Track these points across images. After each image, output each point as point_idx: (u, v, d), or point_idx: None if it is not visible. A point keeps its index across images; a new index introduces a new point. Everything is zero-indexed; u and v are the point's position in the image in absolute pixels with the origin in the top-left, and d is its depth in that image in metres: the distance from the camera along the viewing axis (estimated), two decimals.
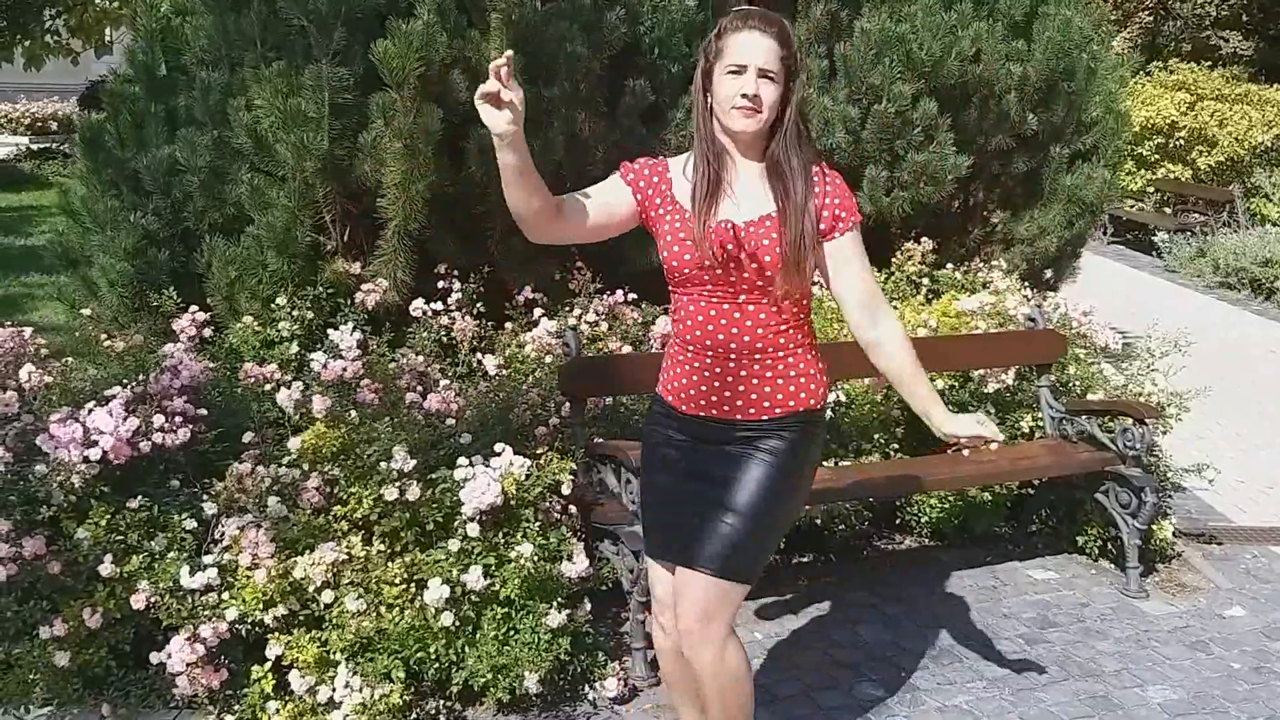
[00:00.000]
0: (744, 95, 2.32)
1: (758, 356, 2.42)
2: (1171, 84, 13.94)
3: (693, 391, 2.47)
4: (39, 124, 23.61)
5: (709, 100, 2.41)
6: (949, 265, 5.54)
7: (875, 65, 5.41)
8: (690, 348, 2.46)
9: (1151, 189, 13.73)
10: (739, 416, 2.45)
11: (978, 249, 6.08)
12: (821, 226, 2.40)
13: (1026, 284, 5.51)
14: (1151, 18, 19.45)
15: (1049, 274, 6.30)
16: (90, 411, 3.21)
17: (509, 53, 2.22)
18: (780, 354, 2.43)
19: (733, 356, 2.42)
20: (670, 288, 2.50)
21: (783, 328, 2.43)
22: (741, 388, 2.43)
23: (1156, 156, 13.66)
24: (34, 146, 19.96)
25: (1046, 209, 6.15)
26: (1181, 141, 13.52)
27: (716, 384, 2.44)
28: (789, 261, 2.35)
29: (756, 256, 2.35)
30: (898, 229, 5.66)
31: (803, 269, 2.38)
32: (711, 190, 2.41)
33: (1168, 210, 13.66)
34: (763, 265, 2.35)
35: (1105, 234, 13.31)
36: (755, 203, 2.40)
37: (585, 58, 4.85)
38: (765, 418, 2.44)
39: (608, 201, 2.48)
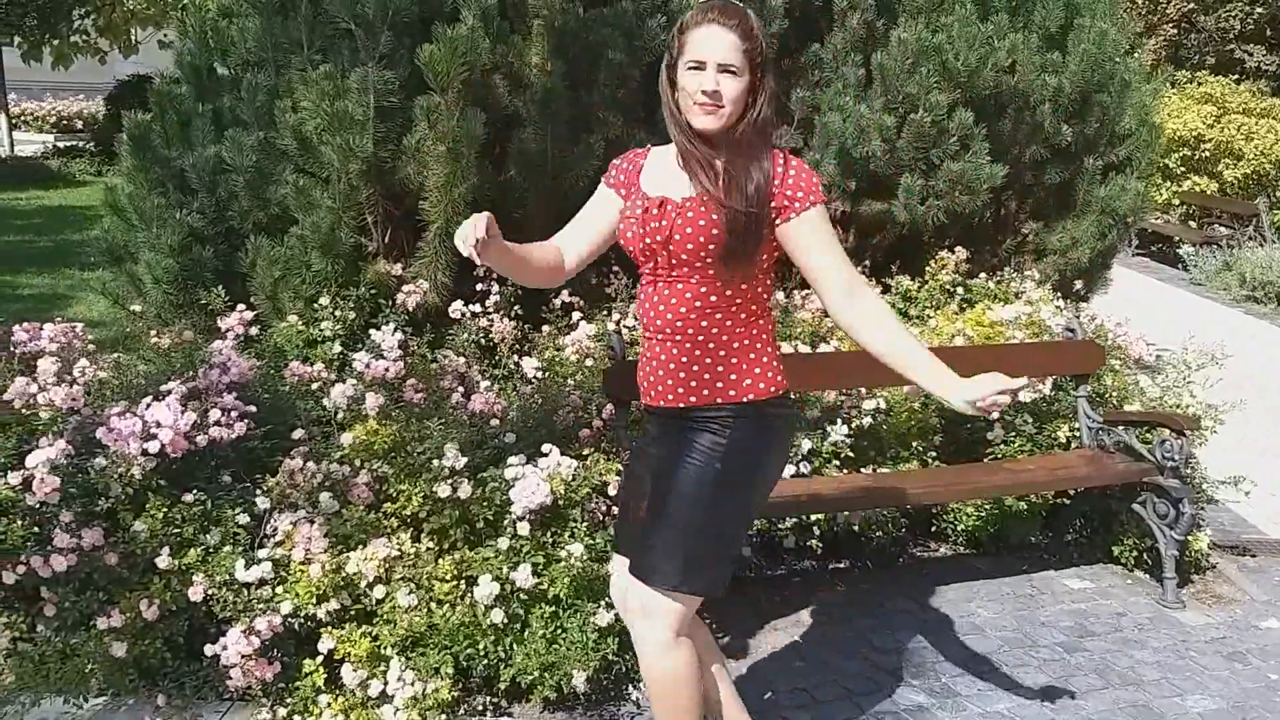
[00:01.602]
0: (704, 92, 2.30)
1: (703, 340, 2.38)
2: (1199, 96, 13.92)
3: (652, 379, 2.46)
4: (64, 122, 23.84)
5: (675, 96, 2.38)
6: (981, 275, 5.56)
7: (911, 75, 5.43)
8: (646, 333, 2.46)
9: (1177, 201, 13.71)
10: (679, 404, 2.41)
11: (1009, 259, 6.10)
12: (773, 207, 2.35)
13: (1058, 295, 5.53)
14: (1175, 30, 19.43)
15: (1079, 285, 6.32)
16: (148, 406, 3.27)
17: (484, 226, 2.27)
18: (731, 342, 2.39)
19: (677, 337, 2.39)
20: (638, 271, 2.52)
21: (733, 311, 2.39)
22: (681, 373, 2.40)
23: (1182, 169, 13.64)
24: (60, 144, 20.13)
25: (1079, 220, 6.17)
26: (1207, 154, 13.49)
27: (660, 371, 2.43)
28: (726, 239, 2.31)
29: (686, 226, 2.33)
30: (931, 238, 5.69)
31: (742, 250, 2.33)
32: (715, 171, 2.35)
33: (1193, 223, 13.64)
34: (695, 244, 2.32)
35: (1130, 246, 13.30)
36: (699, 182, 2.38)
37: (625, 64, 4.90)
38: (702, 406, 2.40)
39: (605, 214, 2.56)
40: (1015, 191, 6.12)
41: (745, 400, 2.41)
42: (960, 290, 5.40)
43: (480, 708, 3.21)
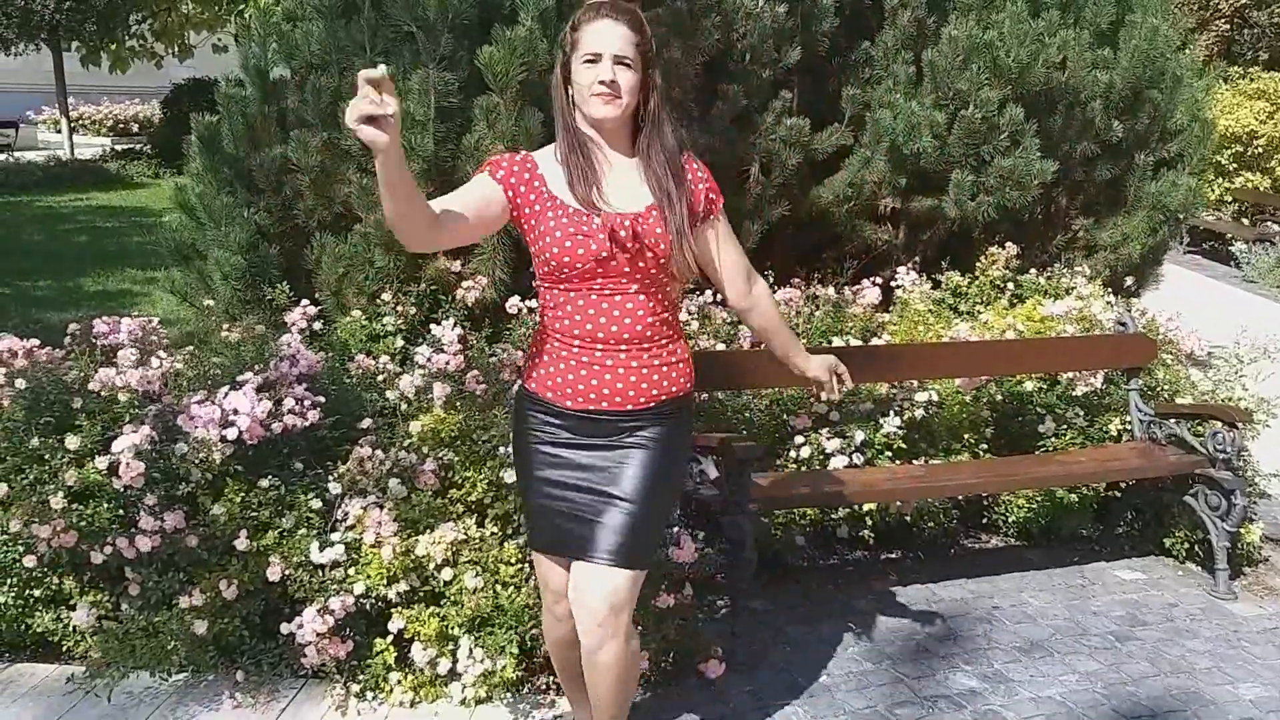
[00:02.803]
0: (601, 82, 2.38)
1: (646, 346, 2.50)
2: (1251, 92, 13.79)
3: (581, 386, 2.50)
4: (120, 125, 24.32)
5: (570, 93, 2.47)
6: (1032, 271, 5.59)
7: (962, 71, 5.48)
8: (577, 342, 2.49)
9: (1229, 198, 13.59)
10: (629, 406, 2.51)
11: (1060, 255, 6.12)
12: (700, 210, 2.55)
13: (1109, 290, 5.55)
14: (1229, 26, 19.20)
15: (1130, 281, 6.33)
16: (226, 395, 3.41)
17: (385, 67, 2.07)
18: (662, 341, 2.52)
19: (622, 347, 2.48)
20: (548, 284, 2.51)
21: (665, 315, 2.53)
22: (631, 377, 2.50)
23: (1234, 165, 13.52)
24: (118, 147, 20.56)
25: (1130, 216, 6.18)
26: (1260, 150, 13.36)
27: (607, 376, 2.49)
28: (676, 249, 2.46)
29: (649, 246, 2.43)
30: (981, 234, 5.73)
31: (688, 256, 2.50)
32: (592, 182, 2.45)
33: (1245, 220, 13.51)
34: (656, 254, 2.44)
35: (1182, 244, 13.19)
36: (635, 194, 2.47)
37: (681, 64, 4.99)
38: (651, 405, 2.53)
39: (481, 203, 2.46)
40: (1066, 187, 6.14)
41: (683, 393, 2.60)
42: (1010, 286, 5.44)
43: (543, 686, 3.30)
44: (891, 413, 4.26)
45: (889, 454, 4.24)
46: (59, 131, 20.56)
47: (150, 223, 12.14)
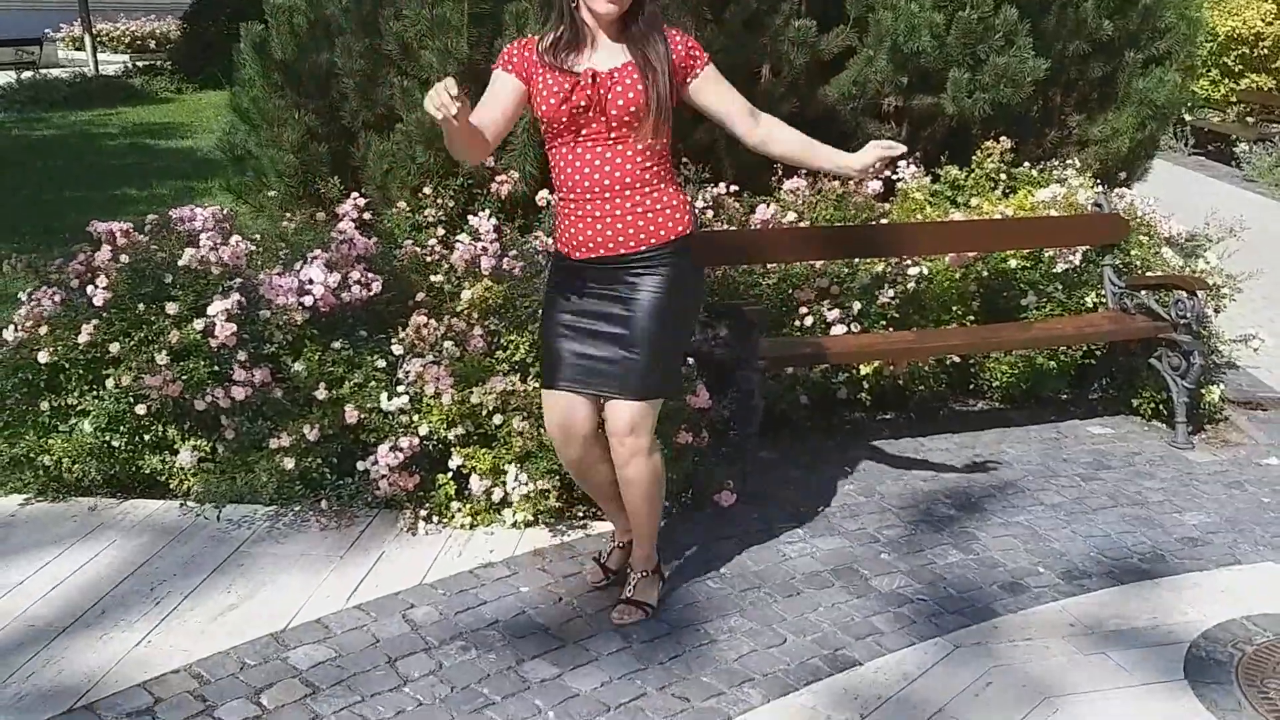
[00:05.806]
0: None
1: (631, 193, 2.86)
2: None
3: (581, 238, 2.90)
4: (138, 42, 24.50)
5: None
6: (1025, 164, 5.99)
7: None
8: (574, 195, 2.89)
9: (1235, 99, 13.83)
10: (622, 251, 2.89)
11: (1055, 150, 6.50)
12: (684, 66, 2.91)
13: (1098, 181, 5.95)
14: None
15: (1123, 175, 6.71)
16: (301, 268, 3.90)
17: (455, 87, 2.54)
18: (648, 189, 2.89)
19: (609, 195, 2.86)
20: (548, 144, 2.97)
21: (648, 164, 2.89)
22: (622, 222, 2.87)
23: (1240, 67, 13.74)
24: (139, 64, 20.81)
25: (1119, 112, 6.55)
26: (1266, 51, 13.57)
27: (602, 224, 2.88)
28: (652, 102, 2.82)
29: (621, 95, 2.80)
30: (979, 130, 6.11)
31: (664, 111, 2.85)
32: (577, 51, 2.86)
33: (1250, 121, 13.76)
34: (627, 104, 2.80)
35: (1187, 145, 13.49)
36: (615, 58, 2.86)
37: None
38: (645, 249, 2.90)
39: (509, 102, 2.92)
40: (1060, 86, 6.50)
41: (677, 237, 2.96)
42: (1004, 178, 5.84)
43: (581, 515, 3.84)
44: (886, 285, 4.72)
45: (884, 323, 4.72)
46: (80, 49, 20.80)
47: (182, 135, 12.55)
